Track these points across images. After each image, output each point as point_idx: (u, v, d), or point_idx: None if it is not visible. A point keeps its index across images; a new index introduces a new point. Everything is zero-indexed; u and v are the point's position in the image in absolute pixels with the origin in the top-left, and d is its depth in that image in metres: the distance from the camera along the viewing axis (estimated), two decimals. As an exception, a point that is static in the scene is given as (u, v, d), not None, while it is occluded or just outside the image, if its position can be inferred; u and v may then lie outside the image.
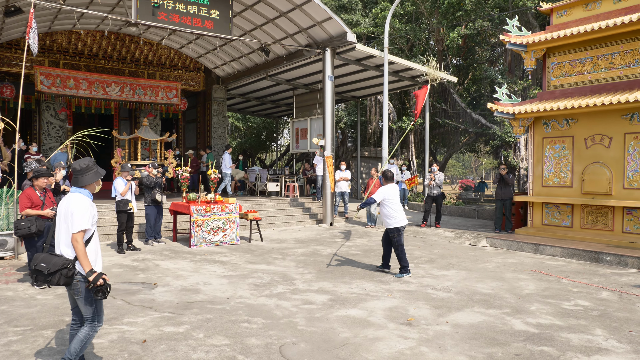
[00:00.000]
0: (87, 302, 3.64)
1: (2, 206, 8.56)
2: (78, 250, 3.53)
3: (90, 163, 3.75)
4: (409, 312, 5.69)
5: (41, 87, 14.47)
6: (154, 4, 10.70)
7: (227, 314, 5.48)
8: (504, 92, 11.55)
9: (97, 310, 3.70)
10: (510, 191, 11.94)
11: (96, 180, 3.78)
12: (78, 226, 3.52)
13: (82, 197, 3.67)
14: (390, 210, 7.67)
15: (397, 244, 7.63)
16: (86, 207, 3.61)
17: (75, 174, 3.71)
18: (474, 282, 7.29)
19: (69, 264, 3.56)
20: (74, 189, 3.73)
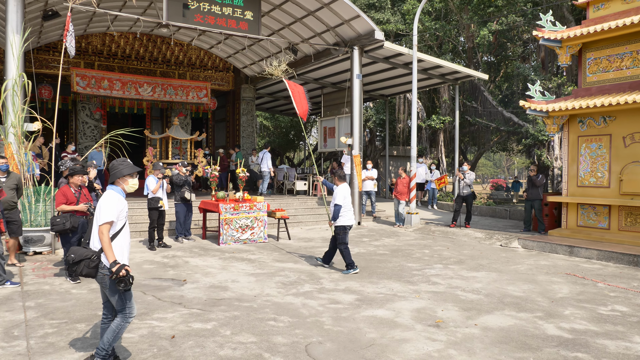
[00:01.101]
0: (114, 293, 3.76)
1: (40, 203, 8.85)
2: (102, 241, 3.65)
3: (116, 162, 3.90)
4: (437, 314, 5.61)
5: (77, 88, 14.89)
6: (189, 6, 10.91)
7: (254, 312, 5.52)
8: (537, 89, 11.27)
9: (125, 301, 3.80)
10: (539, 192, 11.74)
11: (126, 174, 3.85)
12: (103, 218, 3.67)
13: (112, 192, 3.82)
14: (342, 209, 7.78)
15: (340, 240, 7.74)
16: (113, 201, 3.74)
17: (109, 172, 3.86)
18: (505, 284, 7.14)
19: (93, 255, 3.71)
20: (108, 187, 3.88)
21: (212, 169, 10.69)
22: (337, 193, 7.82)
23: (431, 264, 8.51)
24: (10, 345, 4.36)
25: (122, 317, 3.82)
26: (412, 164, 13.43)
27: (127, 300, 3.82)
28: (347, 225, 7.80)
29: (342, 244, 7.74)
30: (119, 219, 3.76)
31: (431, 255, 9.29)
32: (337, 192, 7.82)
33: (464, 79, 16.54)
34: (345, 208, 7.81)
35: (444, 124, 20.08)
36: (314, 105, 22.89)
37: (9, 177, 7.49)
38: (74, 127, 17.20)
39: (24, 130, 8.97)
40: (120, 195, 3.85)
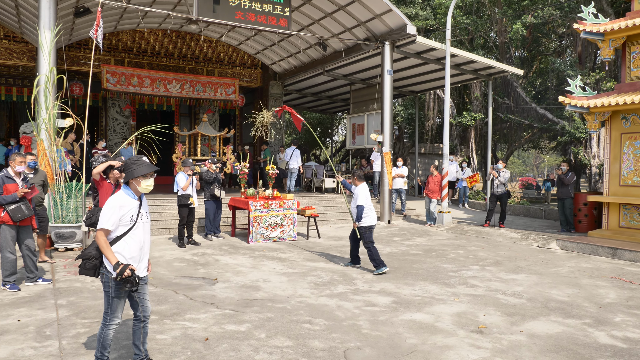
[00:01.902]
0: (105, 294, 3.66)
1: (71, 199, 8.88)
2: (99, 245, 3.54)
3: (135, 158, 3.69)
4: (479, 319, 5.34)
5: (107, 84, 14.99)
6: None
7: (288, 314, 5.34)
8: (577, 85, 10.80)
9: (110, 308, 3.65)
10: (568, 191, 11.38)
11: (138, 175, 3.60)
12: (100, 224, 3.53)
13: (118, 194, 3.63)
14: (365, 209, 7.58)
15: (367, 239, 7.55)
16: (114, 206, 3.55)
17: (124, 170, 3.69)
18: (547, 287, 6.80)
19: (92, 256, 3.61)
20: (122, 187, 3.70)
21: (241, 166, 10.58)
22: (357, 193, 7.63)
23: (467, 265, 8.21)
24: (42, 346, 4.29)
25: (102, 322, 3.69)
26: (444, 162, 13.08)
27: (113, 309, 3.66)
28: (372, 225, 7.65)
29: (368, 242, 7.57)
30: (120, 225, 3.57)
31: (466, 256, 8.98)
32: (357, 193, 7.64)
33: (498, 74, 16.06)
34: (368, 208, 7.64)
35: (475, 120, 19.57)
36: (342, 102, 22.66)
37: (37, 174, 7.49)
38: (104, 123, 17.37)
39: (56, 126, 9.00)
40: (130, 197, 3.64)
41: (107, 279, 3.61)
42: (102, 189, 6.69)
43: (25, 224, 6.14)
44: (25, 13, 12.23)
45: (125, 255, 3.61)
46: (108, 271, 3.58)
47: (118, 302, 3.65)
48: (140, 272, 3.72)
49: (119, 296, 3.63)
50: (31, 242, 6.21)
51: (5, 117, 18.04)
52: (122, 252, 3.60)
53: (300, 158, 15.39)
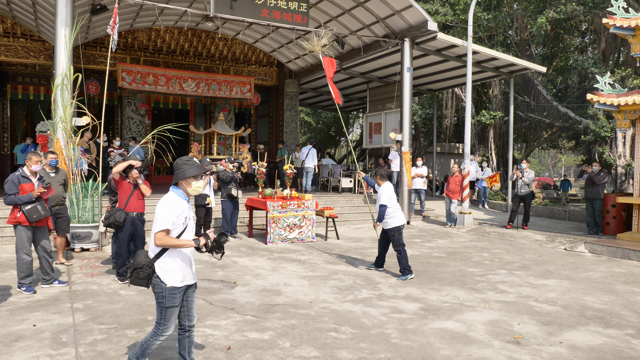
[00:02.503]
0: (158, 304, 3.49)
1: (87, 199, 8.74)
2: (165, 245, 3.35)
3: (186, 158, 3.53)
4: (513, 328, 5.05)
5: (123, 83, 14.90)
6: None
7: (312, 321, 5.10)
8: (606, 82, 10.40)
9: (164, 318, 3.47)
10: (598, 191, 10.98)
11: (190, 175, 3.45)
12: (158, 226, 3.37)
13: (170, 195, 3.46)
14: (390, 209, 7.26)
15: (397, 242, 7.23)
16: (169, 206, 3.39)
17: (174, 171, 3.53)
18: (581, 294, 6.48)
19: (145, 265, 3.42)
20: (170, 188, 3.54)
21: (259, 165, 10.37)
22: (381, 193, 7.33)
23: (494, 269, 7.90)
24: (58, 354, 4.10)
25: (154, 331, 3.52)
26: (465, 162, 12.75)
27: (166, 317, 3.48)
28: (401, 225, 7.35)
29: (399, 245, 7.24)
30: (176, 225, 3.41)
31: (492, 260, 8.67)
32: (381, 192, 7.34)
33: (520, 72, 15.64)
34: (394, 207, 7.34)
35: (495, 119, 19.16)
36: (358, 101, 22.38)
37: (58, 172, 7.38)
38: (119, 122, 17.31)
39: (72, 125, 8.87)
40: (181, 198, 3.47)
41: (160, 289, 3.43)
42: (121, 189, 6.51)
43: (41, 225, 5.98)
44: (42, 11, 12.16)
45: (178, 263, 3.45)
46: (161, 280, 3.42)
47: (172, 312, 3.48)
48: (190, 279, 3.56)
49: (173, 305, 3.46)
50: (47, 243, 6.06)
51: (22, 116, 18.06)
52: (174, 260, 3.43)
53: (317, 157, 15.16)
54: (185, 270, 3.50)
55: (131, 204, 6.47)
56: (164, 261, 3.44)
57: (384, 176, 7.54)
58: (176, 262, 3.45)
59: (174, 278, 3.44)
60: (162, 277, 3.42)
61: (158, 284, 3.44)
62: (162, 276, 3.42)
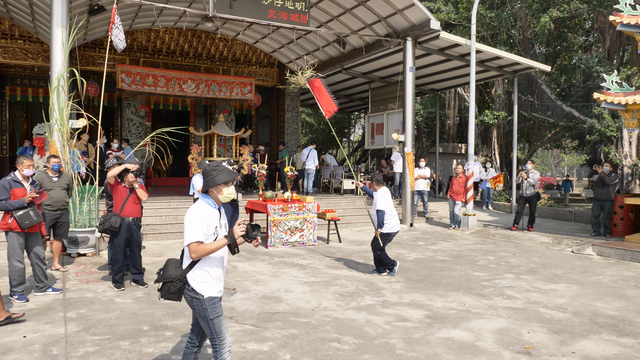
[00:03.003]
0: (203, 319, 3.25)
1: (84, 202, 8.56)
2: (201, 254, 3.12)
3: (215, 164, 3.30)
4: (523, 337, 4.85)
5: (122, 84, 14.73)
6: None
7: (314, 330, 4.91)
8: (613, 80, 10.19)
9: (215, 331, 3.25)
10: (609, 192, 10.75)
11: (221, 182, 3.21)
12: (189, 238, 3.12)
13: (198, 204, 3.22)
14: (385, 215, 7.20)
15: (378, 247, 7.23)
16: (198, 216, 3.15)
17: (203, 177, 3.30)
18: (591, 299, 6.27)
19: (175, 278, 3.19)
20: (200, 196, 3.31)
21: (259, 168, 10.18)
22: (377, 198, 7.22)
23: (500, 273, 7.70)
24: (48, 368, 3.92)
25: (213, 350, 3.28)
26: (469, 162, 12.55)
27: (217, 329, 3.24)
28: (393, 232, 7.28)
29: (379, 250, 7.24)
30: (207, 236, 3.17)
31: (498, 263, 8.46)
32: (377, 198, 7.22)
33: (524, 71, 15.43)
34: (390, 214, 7.23)
35: (498, 119, 18.94)
36: (360, 101, 22.19)
37: (61, 176, 7.20)
38: (119, 124, 17.15)
39: (69, 127, 8.68)
40: (211, 206, 3.23)
41: (199, 303, 3.21)
42: (117, 194, 6.33)
43: (34, 231, 5.80)
44: (39, 12, 12.00)
45: (212, 274, 3.23)
46: (197, 293, 3.19)
47: (220, 322, 3.25)
48: (223, 286, 3.37)
49: (218, 315, 3.24)
50: (40, 250, 5.87)
51: (22, 119, 17.93)
52: (208, 269, 3.22)
53: (318, 158, 14.98)
54: (221, 277, 3.31)
55: (127, 208, 6.29)
56: (198, 272, 3.21)
57: (380, 181, 7.42)
58: (211, 272, 3.24)
59: (211, 288, 3.23)
60: (198, 289, 3.19)
61: (195, 298, 3.20)
62: (198, 288, 3.20)
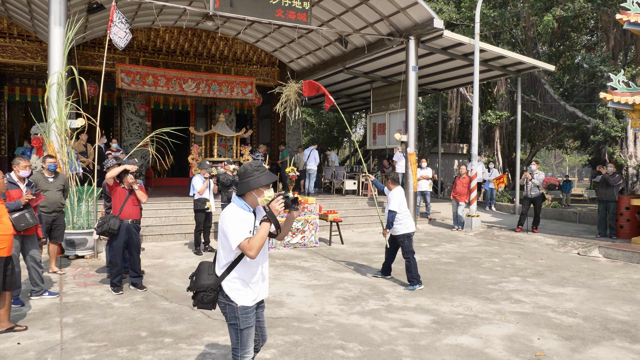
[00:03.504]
0: (232, 327, 3.13)
1: (82, 203, 8.42)
2: (257, 247, 2.91)
3: (250, 168, 3.07)
4: (534, 344, 4.70)
5: (122, 84, 14.59)
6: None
7: (318, 336, 4.76)
8: (620, 80, 10.03)
9: (241, 342, 3.10)
10: (613, 193, 10.64)
11: (263, 184, 3.02)
12: (236, 240, 2.92)
13: (232, 209, 3.04)
14: (399, 215, 6.88)
15: (406, 249, 6.86)
16: (236, 219, 2.98)
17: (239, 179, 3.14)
18: (601, 304, 6.12)
19: (209, 288, 3.04)
20: (233, 199, 3.14)
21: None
22: (391, 198, 6.94)
23: (506, 276, 7.55)
24: (41, 377, 3.77)
25: (233, 357, 3.17)
26: (473, 163, 12.40)
27: (243, 341, 3.10)
28: (411, 232, 6.97)
29: (408, 252, 6.87)
30: None
31: (503, 265, 8.31)
32: (391, 197, 6.94)
33: (528, 70, 15.26)
34: (404, 214, 6.96)
35: (501, 119, 18.78)
36: (361, 101, 22.04)
37: (57, 177, 7.05)
38: (119, 124, 17.01)
39: (67, 127, 8.54)
40: (244, 210, 3.04)
41: (231, 310, 3.06)
42: (116, 195, 6.19)
43: (30, 233, 5.64)
44: (37, 11, 11.85)
45: (247, 280, 3.07)
46: (230, 300, 3.05)
47: (249, 334, 3.11)
48: (262, 295, 3.20)
49: (249, 326, 3.09)
50: (36, 253, 5.72)
51: (21, 118, 17.79)
52: (243, 276, 3.06)
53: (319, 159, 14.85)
54: (257, 286, 3.14)
55: (126, 210, 6.15)
56: (233, 279, 3.06)
57: (396, 180, 7.16)
58: (246, 279, 3.08)
59: (245, 297, 3.07)
60: (232, 297, 3.04)
61: (228, 305, 3.06)
62: (232, 295, 3.05)
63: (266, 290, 3.25)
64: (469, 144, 22.09)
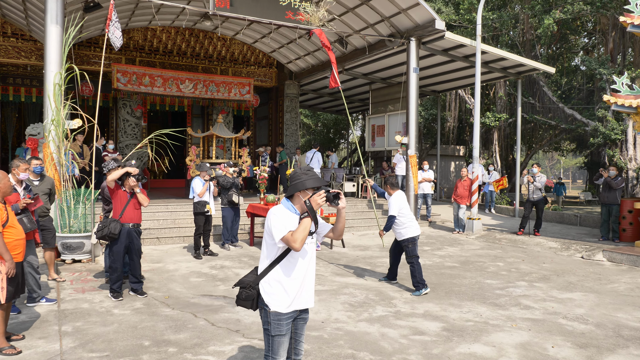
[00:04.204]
0: (265, 334, 3.10)
1: (79, 206, 8.22)
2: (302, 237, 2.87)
3: (299, 171, 3.09)
4: (548, 352, 4.57)
5: (118, 84, 14.38)
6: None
7: (327, 345, 4.61)
8: (624, 82, 9.96)
9: (271, 349, 3.05)
10: (615, 196, 10.58)
11: (309, 187, 3.00)
12: (279, 233, 2.90)
13: (279, 208, 3.04)
14: (403, 219, 6.77)
15: (411, 254, 6.74)
16: (280, 216, 2.96)
17: (290, 181, 3.16)
18: (611, 310, 6.01)
19: (248, 285, 3.05)
20: (282, 200, 3.13)
21: (260, 170, 9.87)
22: (391, 203, 6.82)
23: (512, 280, 7.43)
24: (42, 391, 3.60)
25: None
26: (474, 165, 12.30)
27: (273, 348, 3.05)
28: (416, 236, 6.84)
29: (412, 257, 6.74)
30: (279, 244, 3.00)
31: (508, 270, 8.20)
32: (391, 202, 6.83)
33: (528, 72, 15.22)
34: (408, 217, 6.84)
35: (499, 121, 18.72)
36: (360, 103, 21.93)
37: (43, 180, 6.71)
38: (114, 125, 16.78)
39: (65, 127, 8.33)
40: (291, 211, 3.02)
41: (264, 314, 3.05)
42: (116, 198, 6.01)
43: (28, 239, 5.43)
44: (32, 9, 11.64)
45: (284, 282, 2.99)
46: (264, 304, 3.02)
47: (280, 343, 3.03)
48: (303, 304, 3.10)
49: (279, 334, 3.01)
50: (34, 259, 5.53)
51: (14, 119, 17.52)
52: (281, 277, 2.99)
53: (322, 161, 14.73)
54: (295, 292, 3.03)
55: (127, 214, 5.97)
56: (268, 281, 3.02)
57: (395, 185, 7.06)
58: (284, 282, 3.00)
59: (279, 302, 3.00)
60: (266, 300, 3.01)
61: (264, 309, 3.04)
62: (266, 299, 3.02)
63: (308, 300, 3.13)
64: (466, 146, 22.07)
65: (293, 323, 3.13)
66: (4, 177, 4.31)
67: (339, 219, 3.17)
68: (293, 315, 3.06)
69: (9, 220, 4.27)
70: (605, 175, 10.73)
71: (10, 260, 4.16)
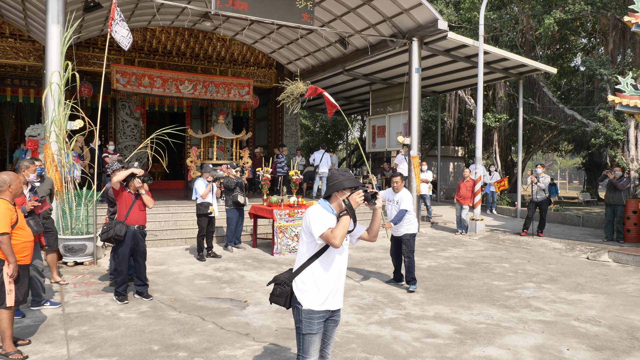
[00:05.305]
0: (297, 333, 3.09)
1: (81, 208, 8.11)
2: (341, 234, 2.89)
3: (337, 172, 3.13)
4: (564, 355, 4.51)
5: (117, 85, 14.27)
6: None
7: (340, 349, 4.53)
8: (628, 83, 9.93)
9: (302, 348, 3.04)
10: (620, 197, 10.58)
11: (346, 187, 3.01)
12: (319, 231, 2.94)
13: (316, 207, 3.07)
14: (409, 216, 6.93)
15: (410, 249, 6.89)
16: (320, 215, 3.00)
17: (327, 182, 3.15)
18: (623, 311, 5.95)
19: (283, 281, 3.07)
20: (320, 201, 3.15)
21: (263, 171, 9.79)
22: (405, 198, 6.85)
23: (520, 282, 7.37)
24: (52, 398, 3.50)
25: None
26: (477, 166, 12.25)
27: (304, 347, 3.05)
28: (416, 233, 7.05)
29: (411, 252, 6.90)
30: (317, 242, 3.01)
31: (514, 271, 8.14)
32: (404, 197, 6.86)
33: (529, 73, 15.19)
34: (413, 215, 6.98)
35: (499, 122, 18.69)
36: (359, 103, 21.87)
37: (44, 182, 6.65)
38: (113, 126, 16.65)
39: (66, 128, 8.22)
40: (328, 211, 3.04)
41: (297, 312, 3.06)
42: (121, 200, 5.91)
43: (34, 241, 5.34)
44: (32, 9, 11.52)
45: (318, 280, 2.99)
46: (297, 302, 3.03)
47: (311, 341, 3.02)
48: (335, 304, 3.10)
49: (310, 333, 3.00)
50: (39, 262, 5.42)
51: (11, 120, 17.37)
52: (316, 276, 2.99)
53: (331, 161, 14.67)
54: (329, 291, 3.03)
55: (132, 216, 5.87)
56: (303, 279, 3.04)
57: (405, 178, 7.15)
58: (318, 280, 3.00)
59: (312, 299, 3.00)
60: (299, 298, 3.02)
61: (296, 307, 3.05)
62: (299, 296, 3.03)
63: (339, 302, 3.13)
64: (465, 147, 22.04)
65: (324, 324, 3.11)
66: (16, 179, 4.21)
67: (375, 219, 3.14)
68: (325, 315, 3.06)
69: (18, 222, 4.17)
70: (612, 177, 10.68)
71: (14, 263, 4.06)
